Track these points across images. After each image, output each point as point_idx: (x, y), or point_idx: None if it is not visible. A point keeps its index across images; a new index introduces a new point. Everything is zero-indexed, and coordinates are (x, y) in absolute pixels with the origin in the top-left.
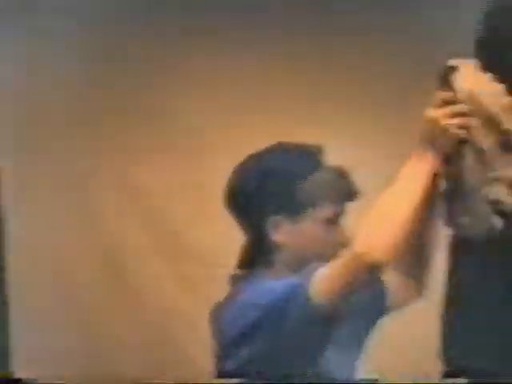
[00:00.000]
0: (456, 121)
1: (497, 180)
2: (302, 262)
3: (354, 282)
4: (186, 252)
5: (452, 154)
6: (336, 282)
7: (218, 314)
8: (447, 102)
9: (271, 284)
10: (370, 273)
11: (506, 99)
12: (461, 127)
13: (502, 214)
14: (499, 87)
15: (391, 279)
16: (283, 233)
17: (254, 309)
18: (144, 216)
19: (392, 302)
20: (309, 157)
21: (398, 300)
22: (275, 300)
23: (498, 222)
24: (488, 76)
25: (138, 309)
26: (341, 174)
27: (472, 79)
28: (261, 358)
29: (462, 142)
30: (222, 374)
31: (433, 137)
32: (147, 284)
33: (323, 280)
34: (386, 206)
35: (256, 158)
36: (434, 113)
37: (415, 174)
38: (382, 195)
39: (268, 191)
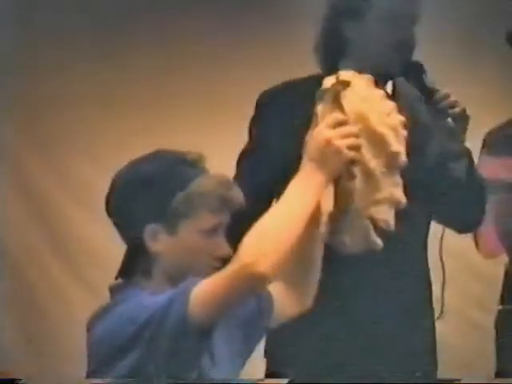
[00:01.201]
0: (348, 141)
1: (382, 200)
2: (181, 274)
3: (237, 294)
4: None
5: (342, 174)
6: (218, 294)
7: (93, 324)
8: (339, 123)
9: (149, 299)
10: (255, 285)
11: (396, 118)
12: (352, 148)
13: (384, 233)
14: (391, 105)
15: (277, 290)
16: (161, 243)
17: (131, 324)
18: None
19: (278, 314)
20: (188, 164)
21: (283, 311)
22: (152, 316)
23: (380, 243)
24: (380, 93)
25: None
26: (223, 183)
27: (362, 96)
28: (138, 373)
29: (353, 163)
30: None
31: (324, 157)
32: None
33: (204, 294)
34: (271, 220)
35: (133, 165)
36: (326, 133)
37: (303, 191)
38: (270, 209)
39: (144, 200)
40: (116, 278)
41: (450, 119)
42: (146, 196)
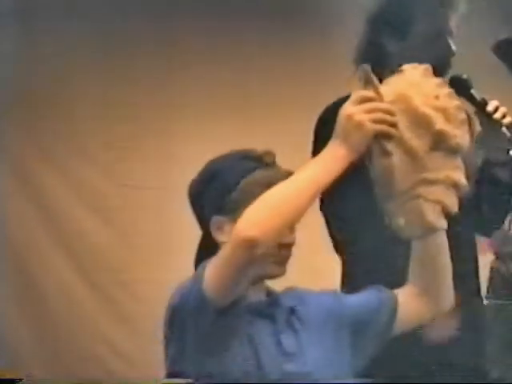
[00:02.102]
0: (372, 116)
1: (435, 181)
2: None
3: (236, 262)
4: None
5: (376, 151)
6: (220, 266)
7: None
8: (366, 100)
9: (182, 283)
10: (246, 249)
11: (448, 101)
12: (377, 122)
13: (446, 214)
14: (445, 90)
15: (406, 295)
16: (227, 233)
17: (168, 310)
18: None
19: (403, 319)
20: (252, 159)
21: (410, 317)
22: (180, 300)
23: (441, 223)
24: (436, 80)
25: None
26: (285, 174)
27: (412, 80)
28: (179, 359)
29: (385, 138)
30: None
31: (346, 131)
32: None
33: (209, 272)
34: (275, 191)
35: (209, 162)
36: (349, 109)
37: (317, 166)
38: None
39: (211, 192)
40: (194, 266)
41: (505, 129)
42: (213, 189)
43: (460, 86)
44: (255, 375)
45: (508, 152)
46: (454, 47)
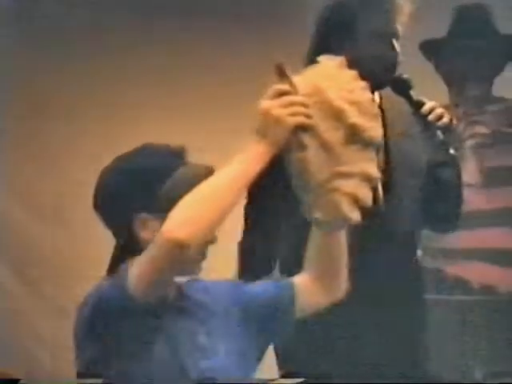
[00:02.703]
0: (290, 110)
1: (349, 174)
2: None
3: (163, 263)
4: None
5: (292, 144)
6: (144, 269)
7: (76, 312)
8: (282, 93)
9: (101, 282)
10: (174, 251)
11: (361, 95)
12: (294, 115)
13: (359, 207)
14: (360, 84)
15: (303, 281)
16: (151, 231)
17: (88, 309)
18: None
19: (304, 304)
20: (172, 156)
21: (310, 302)
22: (101, 298)
23: (356, 215)
24: (350, 73)
25: None
26: (205, 171)
27: (326, 73)
28: (99, 360)
29: (302, 130)
30: None
31: (265, 126)
32: None
33: (134, 271)
34: (198, 191)
35: (121, 159)
36: (266, 104)
37: (237, 164)
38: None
39: (132, 190)
40: (107, 274)
41: (438, 131)
42: (135, 186)
43: (399, 86)
44: (177, 377)
45: (448, 151)
46: (398, 48)
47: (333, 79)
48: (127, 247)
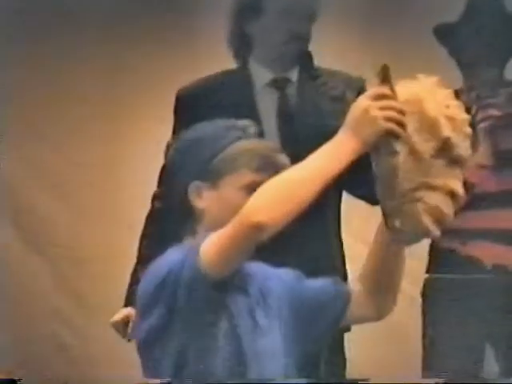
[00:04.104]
0: (386, 113)
1: (435, 187)
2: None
3: (239, 243)
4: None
5: (383, 147)
6: (221, 246)
7: (143, 278)
8: (382, 96)
9: (169, 253)
10: (253, 233)
11: (456, 113)
12: (390, 120)
13: (440, 222)
14: (455, 102)
15: (357, 292)
16: (205, 199)
17: (154, 280)
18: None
19: (353, 314)
20: (237, 129)
21: (359, 313)
22: (169, 271)
23: (435, 229)
24: (447, 91)
25: None
26: (266, 146)
27: (424, 87)
28: (160, 329)
29: (393, 137)
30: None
31: (360, 124)
32: None
33: (209, 247)
34: (284, 177)
35: (192, 129)
36: (365, 102)
37: (326, 155)
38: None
39: (193, 158)
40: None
41: (328, 100)
42: (195, 155)
43: (305, 59)
44: (235, 353)
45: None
46: (308, 28)
47: (431, 93)
48: (183, 215)
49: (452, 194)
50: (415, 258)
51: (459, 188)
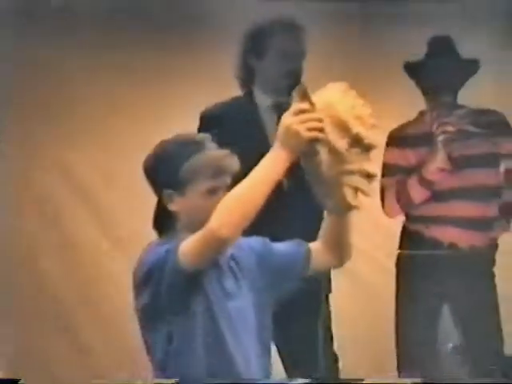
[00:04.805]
0: (307, 125)
1: (353, 171)
2: (197, 227)
3: (207, 250)
4: None
5: (307, 151)
6: (194, 250)
7: (137, 263)
8: (301, 111)
9: (157, 247)
10: (219, 245)
11: (361, 110)
12: (310, 130)
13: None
14: (358, 101)
15: (316, 246)
16: (176, 204)
17: (144, 267)
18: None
19: (313, 266)
20: (192, 143)
21: (319, 264)
22: (156, 261)
23: (357, 203)
24: (352, 92)
25: None
26: (218, 156)
27: (334, 93)
28: (149, 310)
29: (315, 141)
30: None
31: (287, 138)
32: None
33: (185, 248)
34: (237, 192)
35: (161, 143)
36: (287, 119)
37: (265, 167)
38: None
39: (162, 170)
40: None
41: None
42: (164, 167)
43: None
44: (211, 331)
45: None
46: (300, 64)
47: (340, 98)
48: (164, 213)
49: (368, 174)
50: (390, 236)
51: (373, 168)
